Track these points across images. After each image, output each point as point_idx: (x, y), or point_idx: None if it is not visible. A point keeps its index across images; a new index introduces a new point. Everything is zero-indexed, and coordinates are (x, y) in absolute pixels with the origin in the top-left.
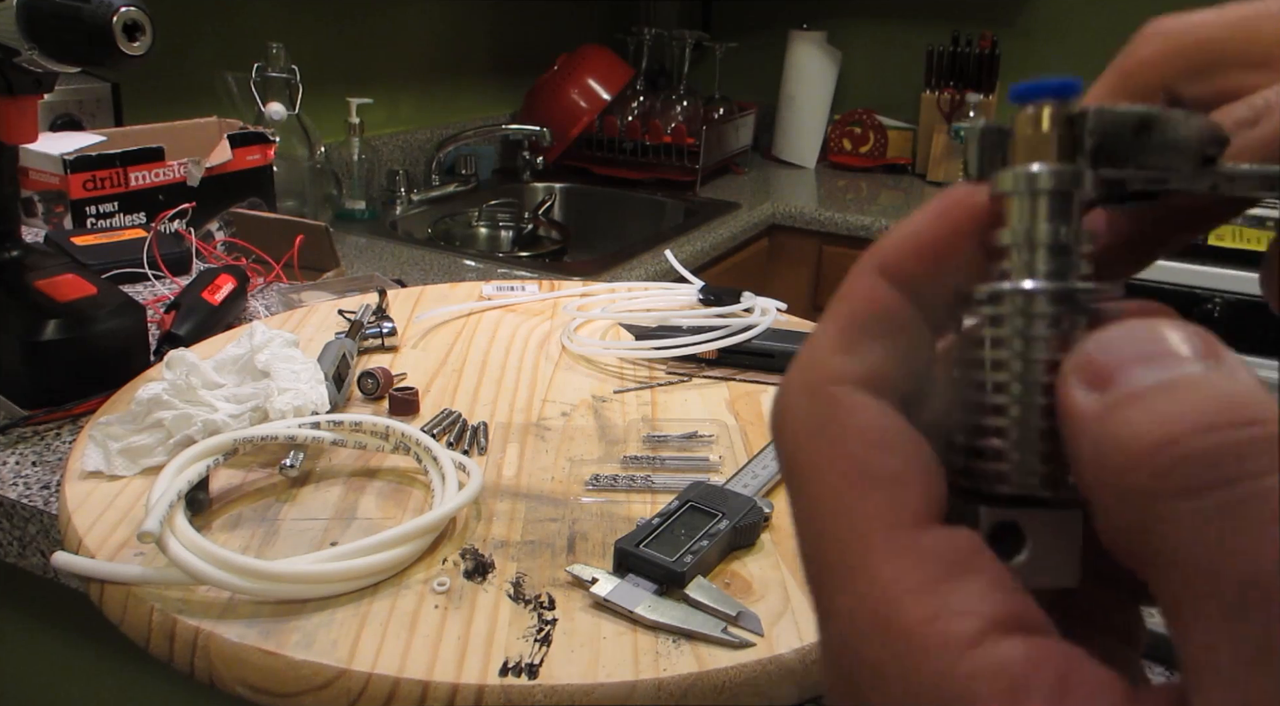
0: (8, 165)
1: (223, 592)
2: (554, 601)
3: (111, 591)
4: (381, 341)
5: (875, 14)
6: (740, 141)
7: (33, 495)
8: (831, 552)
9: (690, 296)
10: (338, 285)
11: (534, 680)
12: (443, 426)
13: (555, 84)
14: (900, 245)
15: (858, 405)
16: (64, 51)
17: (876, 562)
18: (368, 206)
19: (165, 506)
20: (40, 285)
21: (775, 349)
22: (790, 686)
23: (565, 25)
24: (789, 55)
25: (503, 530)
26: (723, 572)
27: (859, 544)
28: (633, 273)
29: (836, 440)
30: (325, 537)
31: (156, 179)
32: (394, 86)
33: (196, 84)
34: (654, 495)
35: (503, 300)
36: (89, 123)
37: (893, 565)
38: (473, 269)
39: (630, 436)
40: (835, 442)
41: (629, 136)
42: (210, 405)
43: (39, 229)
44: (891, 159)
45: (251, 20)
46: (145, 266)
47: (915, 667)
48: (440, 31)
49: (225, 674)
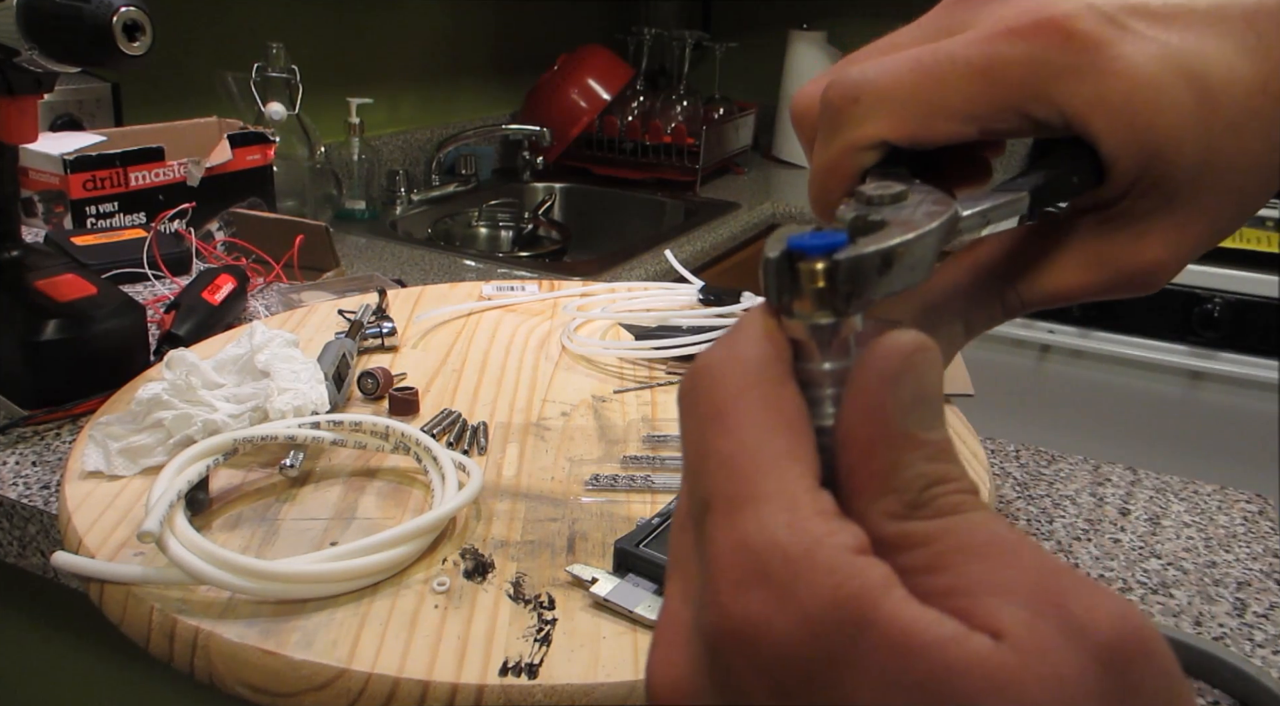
0: (8, 165)
1: (223, 592)
2: (554, 601)
3: (111, 591)
4: (381, 341)
5: (875, 14)
6: (740, 141)
7: (33, 495)
8: (754, 476)
9: (690, 296)
10: (338, 285)
11: (534, 680)
12: (443, 426)
13: (555, 84)
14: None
15: (789, 383)
16: (64, 51)
17: (797, 493)
18: (368, 206)
19: (165, 506)
20: (40, 285)
21: None
22: None
23: (565, 25)
24: (789, 55)
25: (503, 530)
26: None
27: (779, 478)
28: (633, 273)
29: (771, 402)
30: (325, 537)
31: (156, 179)
32: (394, 86)
33: (196, 84)
34: (654, 495)
35: (503, 300)
36: (89, 123)
37: (808, 495)
38: (473, 269)
39: (630, 436)
40: (769, 402)
41: (629, 136)
42: (210, 405)
43: (39, 229)
44: None
45: (251, 20)
46: (145, 266)
47: (814, 560)
48: (440, 31)
49: (225, 674)
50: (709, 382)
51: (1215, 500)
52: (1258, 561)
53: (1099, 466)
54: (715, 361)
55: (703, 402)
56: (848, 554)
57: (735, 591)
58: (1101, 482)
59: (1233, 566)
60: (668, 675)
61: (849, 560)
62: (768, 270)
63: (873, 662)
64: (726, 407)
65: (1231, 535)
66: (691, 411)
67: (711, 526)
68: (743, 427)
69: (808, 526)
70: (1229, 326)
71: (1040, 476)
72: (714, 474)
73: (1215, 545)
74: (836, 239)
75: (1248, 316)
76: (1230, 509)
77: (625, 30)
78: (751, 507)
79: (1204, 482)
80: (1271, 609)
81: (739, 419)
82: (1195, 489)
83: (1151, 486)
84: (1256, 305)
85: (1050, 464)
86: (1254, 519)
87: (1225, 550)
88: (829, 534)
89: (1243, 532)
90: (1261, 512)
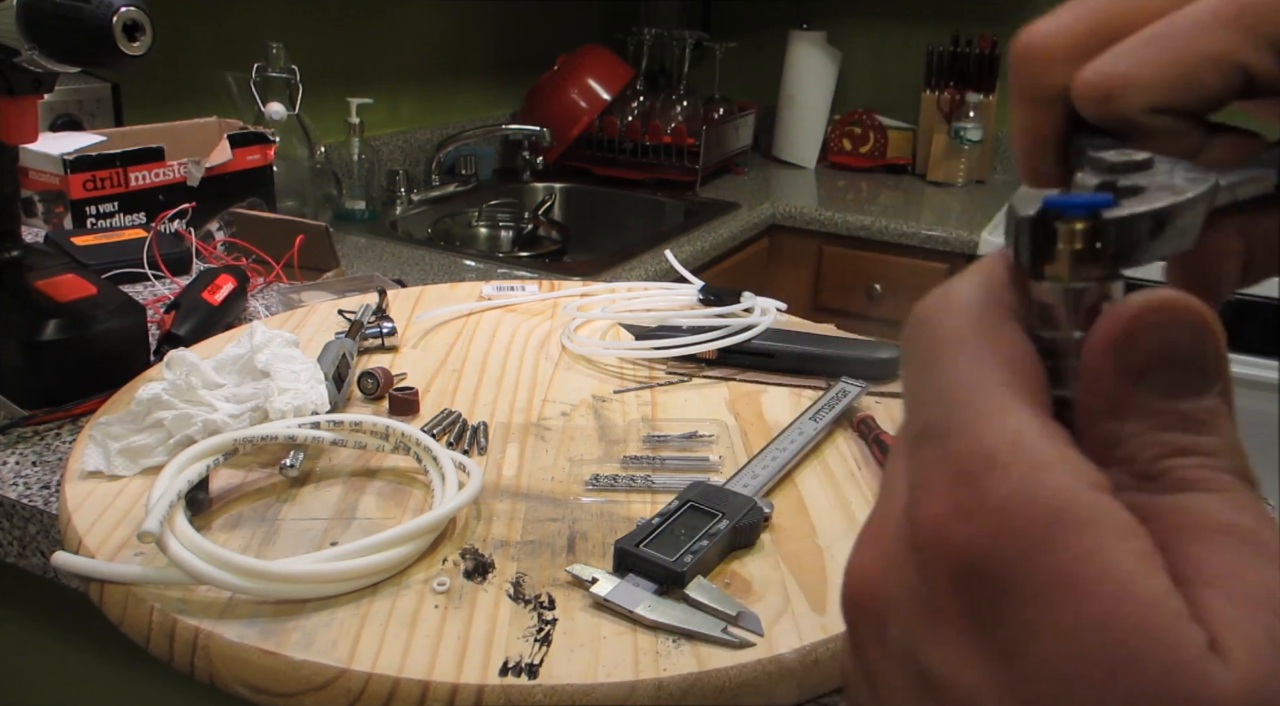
0: (8, 165)
1: (223, 592)
2: (554, 601)
3: (111, 591)
4: (381, 341)
5: (875, 14)
6: (740, 141)
7: (33, 495)
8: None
9: (690, 296)
10: (338, 285)
11: (534, 680)
12: (443, 426)
13: (555, 84)
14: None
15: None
16: (64, 51)
17: (1020, 417)
18: (368, 206)
19: (165, 506)
20: (40, 285)
21: (775, 349)
22: (790, 686)
23: (565, 25)
24: (789, 55)
25: (503, 530)
26: (723, 572)
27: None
28: (633, 273)
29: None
30: (325, 537)
31: (156, 179)
32: (394, 86)
33: (196, 84)
34: (654, 495)
35: (503, 300)
36: (89, 123)
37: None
38: (473, 269)
39: (630, 436)
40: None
41: (629, 136)
42: (210, 405)
43: (39, 229)
44: (891, 159)
45: (251, 20)
46: (145, 266)
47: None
48: (440, 31)
49: (225, 674)
50: (923, 327)
51: None
52: None
53: None
54: (930, 307)
55: (921, 345)
56: (1063, 463)
57: (942, 494)
58: None
59: None
60: (864, 573)
61: (1059, 461)
62: (1021, 229)
63: (1058, 576)
64: (942, 348)
65: None
66: (910, 356)
67: (926, 449)
68: (959, 364)
69: (1034, 447)
70: (1229, 326)
71: None
72: (931, 405)
73: None
74: (1101, 199)
75: (1247, 316)
76: None
77: (625, 30)
78: (970, 431)
79: None
80: None
81: (955, 357)
82: None
83: None
84: (1256, 305)
85: None
86: None
87: None
88: (1056, 460)
89: None
90: None
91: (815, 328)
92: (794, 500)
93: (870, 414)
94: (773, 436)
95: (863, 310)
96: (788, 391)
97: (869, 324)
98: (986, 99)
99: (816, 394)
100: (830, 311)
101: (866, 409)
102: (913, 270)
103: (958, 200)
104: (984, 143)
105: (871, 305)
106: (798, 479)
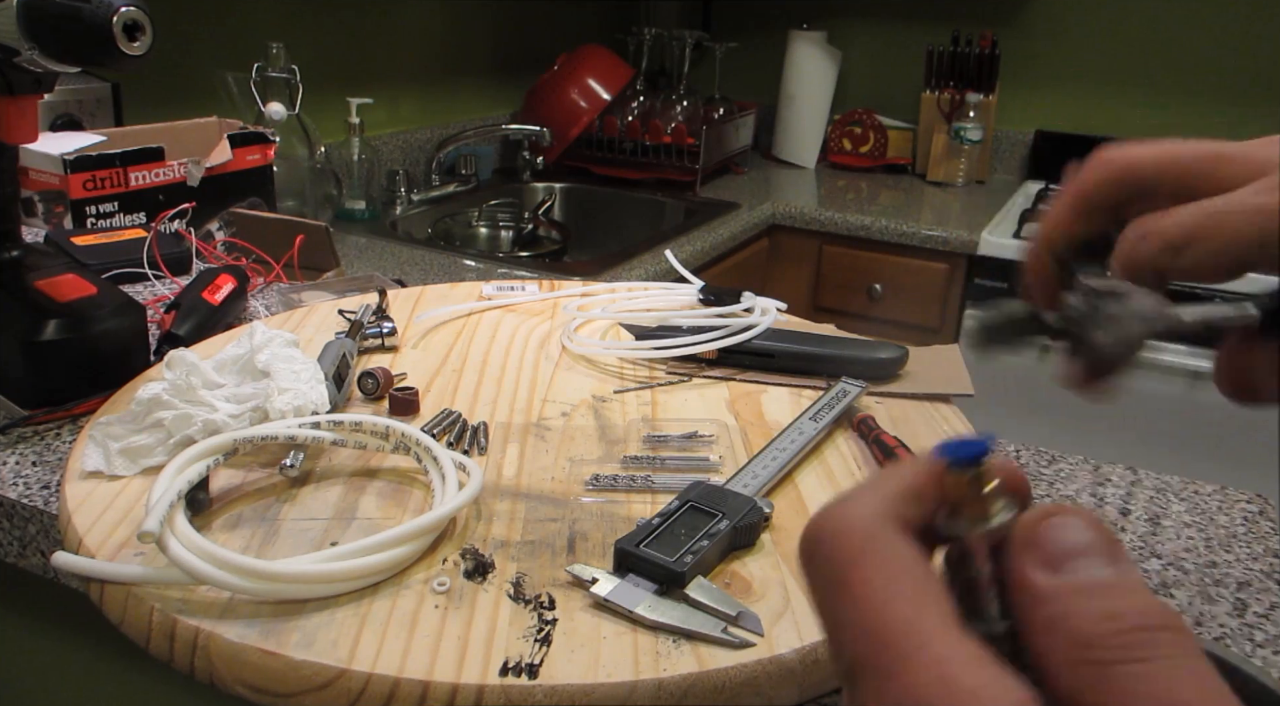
0: (8, 165)
1: (223, 592)
2: (554, 601)
3: (111, 591)
4: (381, 341)
5: (875, 14)
6: (740, 141)
7: (33, 495)
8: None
9: (690, 296)
10: (338, 285)
11: (534, 680)
12: (443, 426)
13: (555, 84)
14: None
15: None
16: (64, 51)
17: (938, 647)
18: (368, 206)
19: (165, 506)
20: (40, 285)
21: (775, 349)
22: (790, 686)
23: (565, 25)
24: (789, 55)
25: (503, 530)
26: (723, 572)
27: (915, 637)
28: (633, 273)
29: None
30: (325, 537)
31: (156, 179)
32: (394, 86)
33: (196, 84)
34: (654, 495)
35: (503, 300)
36: (89, 123)
37: (952, 649)
38: (473, 269)
39: (630, 436)
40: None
41: (629, 136)
42: (210, 405)
43: (39, 229)
44: (891, 159)
45: (251, 20)
46: (145, 266)
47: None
48: (440, 31)
49: (225, 674)
50: (823, 547)
51: (1215, 500)
52: (1258, 561)
53: (1099, 466)
54: (828, 529)
55: (822, 569)
56: (990, 686)
57: None
58: (1102, 483)
59: (1233, 566)
60: None
61: (988, 684)
62: None
63: None
64: (845, 575)
65: (1232, 535)
66: (814, 576)
67: (861, 690)
68: (867, 595)
69: (960, 679)
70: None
71: (1040, 476)
72: (853, 644)
73: (1215, 545)
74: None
75: None
76: (1230, 509)
77: (625, 30)
78: (899, 675)
79: (1204, 483)
80: (1271, 609)
81: (861, 586)
82: (1195, 489)
83: (1152, 486)
84: None
85: (1050, 464)
86: (1254, 519)
87: (1225, 550)
88: (982, 685)
89: (1243, 533)
90: (1262, 513)
91: (815, 327)
92: (794, 500)
93: (870, 414)
94: (773, 436)
95: (863, 310)
96: (788, 391)
97: (869, 324)
98: (986, 99)
99: (816, 394)
100: (830, 311)
101: (866, 409)
102: (913, 270)
103: (958, 200)
104: (984, 142)
105: (871, 305)
106: (798, 479)
